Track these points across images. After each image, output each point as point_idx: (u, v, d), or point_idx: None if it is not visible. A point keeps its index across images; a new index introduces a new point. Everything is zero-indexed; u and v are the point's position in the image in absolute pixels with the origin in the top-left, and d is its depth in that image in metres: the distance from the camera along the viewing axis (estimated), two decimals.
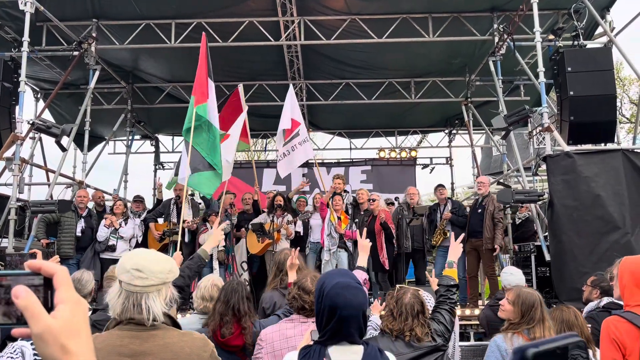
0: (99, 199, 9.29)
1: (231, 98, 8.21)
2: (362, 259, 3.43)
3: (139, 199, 9.16)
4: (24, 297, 0.71)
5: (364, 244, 3.45)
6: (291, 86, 8.40)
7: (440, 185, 8.80)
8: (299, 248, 4.09)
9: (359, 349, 1.88)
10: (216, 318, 3.38)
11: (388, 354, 2.01)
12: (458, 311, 4.71)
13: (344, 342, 1.88)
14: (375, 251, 7.64)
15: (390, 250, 7.81)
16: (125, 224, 8.35)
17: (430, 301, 4.05)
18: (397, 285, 3.21)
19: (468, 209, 8.66)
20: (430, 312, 2.98)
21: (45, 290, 0.74)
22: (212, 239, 3.71)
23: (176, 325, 1.97)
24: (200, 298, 3.74)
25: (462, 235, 3.52)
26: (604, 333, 2.25)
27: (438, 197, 8.73)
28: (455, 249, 3.33)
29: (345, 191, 8.96)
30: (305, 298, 2.91)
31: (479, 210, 7.93)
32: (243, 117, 7.66)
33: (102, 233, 8.15)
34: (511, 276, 4.69)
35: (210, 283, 4.06)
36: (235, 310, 3.41)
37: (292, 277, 3.77)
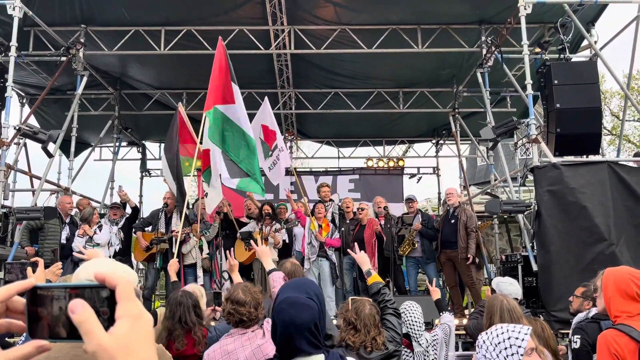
0: (88, 205, 9.15)
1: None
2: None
3: (116, 206, 9.01)
4: (80, 312, 0.67)
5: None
6: (266, 98, 8.35)
7: (410, 199, 8.93)
8: (232, 249, 4.18)
9: (319, 358, 1.81)
10: (163, 335, 3.42)
11: (349, 358, 1.98)
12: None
13: (299, 357, 1.79)
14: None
15: (380, 259, 7.84)
16: (100, 230, 8.14)
17: (417, 310, 4.06)
18: (350, 298, 3.22)
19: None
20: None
21: (111, 303, 0.69)
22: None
23: None
24: None
25: (360, 250, 3.56)
26: (603, 347, 2.25)
27: (408, 209, 8.90)
28: (361, 259, 3.39)
29: (331, 200, 8.96)
30: (241, 310, 2.84)
31: (452, 221, 8.00)
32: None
33: (77, 243, 8.01)
34: (511, 286, 4.59)
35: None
36: (182, 322, 3.47)
37: (235, 278, 3.81)
